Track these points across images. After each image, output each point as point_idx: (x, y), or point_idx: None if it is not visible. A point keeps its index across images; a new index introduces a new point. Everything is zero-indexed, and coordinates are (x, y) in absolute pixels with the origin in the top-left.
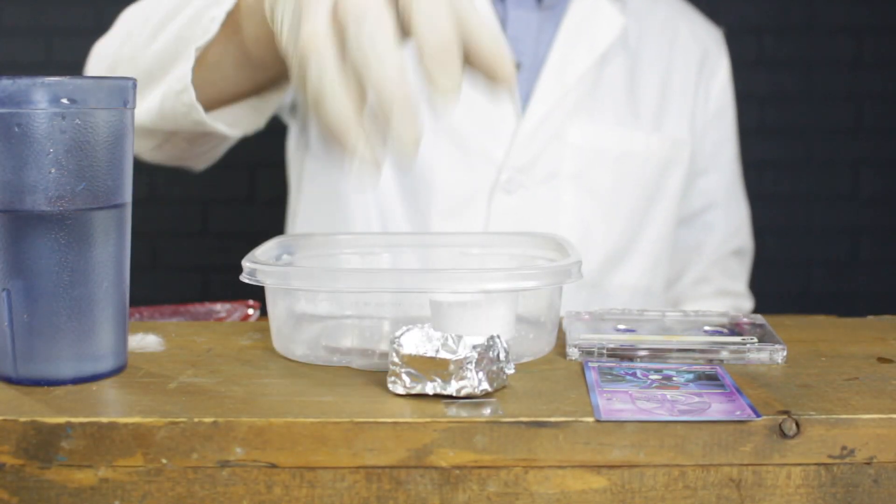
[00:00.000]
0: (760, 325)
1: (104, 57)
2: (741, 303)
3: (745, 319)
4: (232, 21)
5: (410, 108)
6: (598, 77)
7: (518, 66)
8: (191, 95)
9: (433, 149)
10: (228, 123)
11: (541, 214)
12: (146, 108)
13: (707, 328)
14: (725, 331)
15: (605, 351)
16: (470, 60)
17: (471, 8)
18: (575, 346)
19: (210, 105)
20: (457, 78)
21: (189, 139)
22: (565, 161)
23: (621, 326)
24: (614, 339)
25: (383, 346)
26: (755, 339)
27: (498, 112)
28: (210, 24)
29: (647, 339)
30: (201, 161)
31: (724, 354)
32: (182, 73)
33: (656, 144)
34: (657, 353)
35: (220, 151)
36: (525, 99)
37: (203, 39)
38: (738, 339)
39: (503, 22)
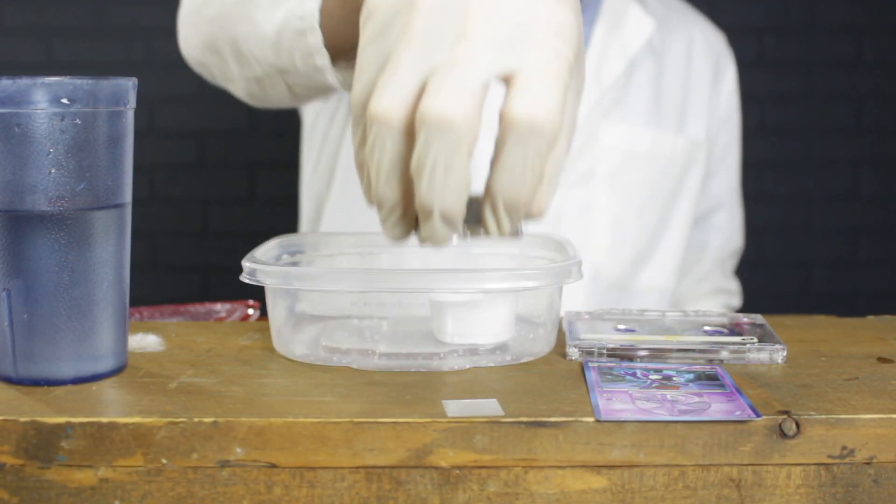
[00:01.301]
0: (760, 325)
1: None
2: (733, 300)
3: (745, 319)
4: None
5: (453, 227)
6: (630, 79)
7: None
8: (317, 38)
9: None
10: (348, 80)
11: (575, 215)
12: (258, 34)
13: (707, 328)
14: (725, 331)
15: (605, 351)
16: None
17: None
18: (575, 346)
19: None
20: (509, 231)
21: (294, 84)
22: (599, 162)
23: (621, 326)
24: (614, 339)
25: (383, 347)
26: (755, 339)
27: None
28: None
29: (647, 339)
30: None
31: (724, 354)
32: (308, 11)
33: (680, 145)
34: (657, 353)
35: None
36: None
37: None
38: (738, 339)
39: None
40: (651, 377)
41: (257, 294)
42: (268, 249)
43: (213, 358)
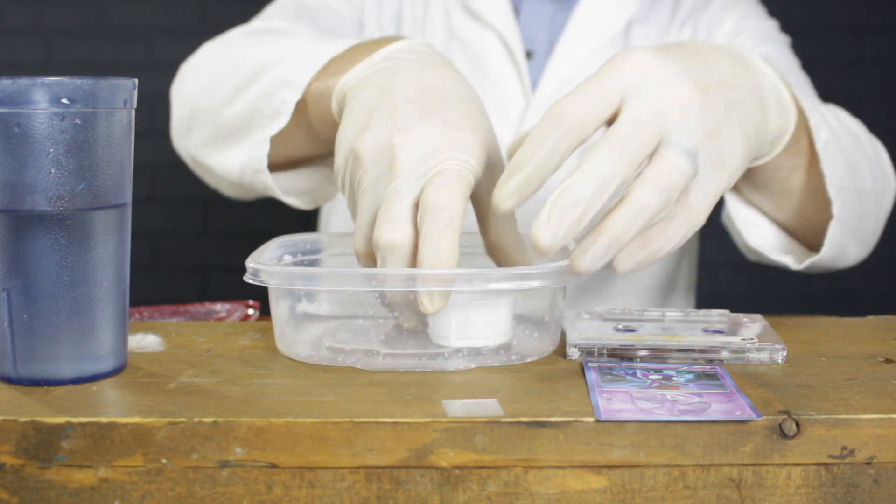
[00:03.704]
0: (760, 325)
1: (185, 101)
2: None
3: (746, 319)
4: (301, 101)
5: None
6: (600, 60)
7: (530, 54)
8: (267, 177)
9: None
10: (301, 193)
11: (548, 193)
12: (228, 166)
13: (707, 328)
14: (725, 331)
15: (605, 351)
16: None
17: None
18: (575, 346)
19: (285, 163)
20: (440, 303)
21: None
22: None
23: (621, 326)
24: (614, 339)
25: (387, 347)
26: (755, 339)
27: (508, 96)
28: (282, 107)
29: (647, 339)
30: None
31: (724, 354)
32: (259, 156)
33: None
34: (657, 353)
35: None
36: (535, 83)
37: (275, 127)
38: (738, 339)
39: (517, 11)
40: (651, 377)
41: (257, 294)
42: (270, 250)
43: (213, 358)
